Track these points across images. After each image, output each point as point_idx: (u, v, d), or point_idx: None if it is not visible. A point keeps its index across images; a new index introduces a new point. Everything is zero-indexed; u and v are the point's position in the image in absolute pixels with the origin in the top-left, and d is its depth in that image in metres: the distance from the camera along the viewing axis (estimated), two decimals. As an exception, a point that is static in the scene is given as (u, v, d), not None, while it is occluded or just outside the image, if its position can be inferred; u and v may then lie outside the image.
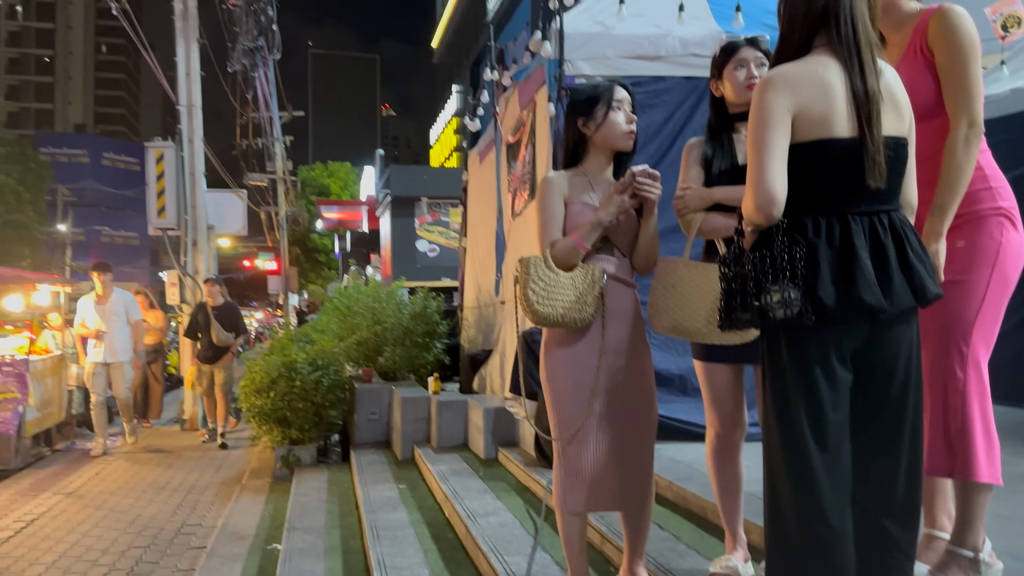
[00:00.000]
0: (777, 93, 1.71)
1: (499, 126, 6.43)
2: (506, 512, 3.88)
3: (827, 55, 1.75)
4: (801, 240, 1.70)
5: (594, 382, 2.42)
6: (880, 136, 1.70)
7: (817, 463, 1.71)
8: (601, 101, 2.48)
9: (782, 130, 1.70)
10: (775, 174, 1.69)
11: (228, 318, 8.59)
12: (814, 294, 1.67)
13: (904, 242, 1.72)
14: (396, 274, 13.12)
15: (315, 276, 40.52)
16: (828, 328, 1.71)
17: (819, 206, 1.74)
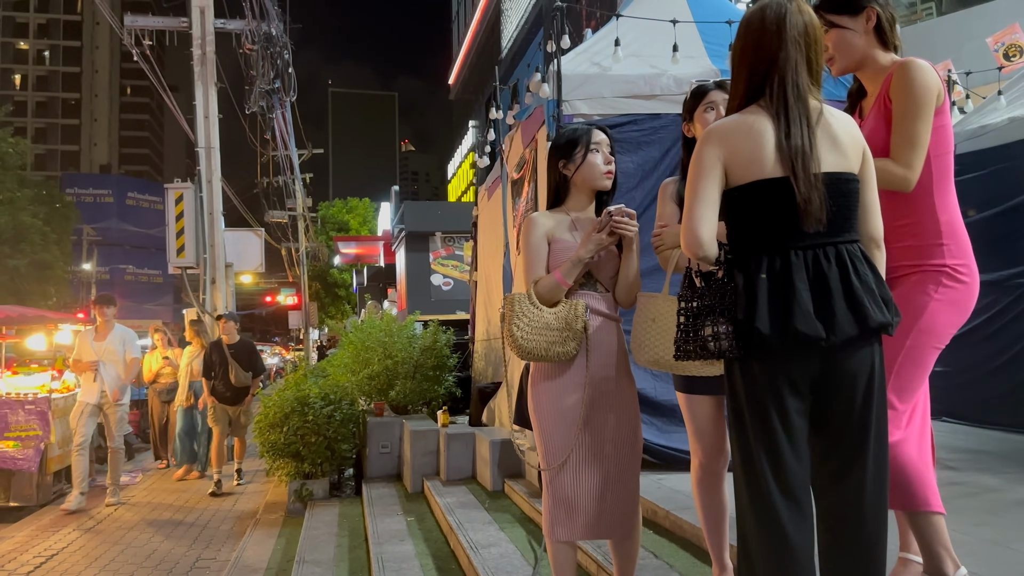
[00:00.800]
0: (709, 145, 1.88)
1: (505, 163, 6.59)
2: (508, 543, 3.94)
3: (760, 109, 1.88)
4: (736, 276, 1.83)
5: (580, 413, 2.52)
6: (810, 175, 1.79)
7: (778, 500, 1.79)
8: (580, 144, 2.62)
9: (711, 178, 1.85)
10: (700, 219, 1.83)
11: (245, 356, 8.15)
12: (751, 325, 1.78)
13: (850, 272, 1.80)
14: (411, 308, 13.26)
15: (335, 311, 40.83)
16: (775, 359, 1.80)
17: (762, 243, 1.85)
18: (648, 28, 5.09)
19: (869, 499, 1.81)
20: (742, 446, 1.87)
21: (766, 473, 1.81)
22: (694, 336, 1.87)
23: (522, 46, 40.78)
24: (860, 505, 1.82)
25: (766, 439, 1.81)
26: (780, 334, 1.76)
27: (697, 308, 1.88)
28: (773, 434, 1.81)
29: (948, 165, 2.26)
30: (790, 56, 1.86)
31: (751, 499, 1.84)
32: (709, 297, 1.86)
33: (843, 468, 1.84)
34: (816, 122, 1.86)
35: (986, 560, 2.56)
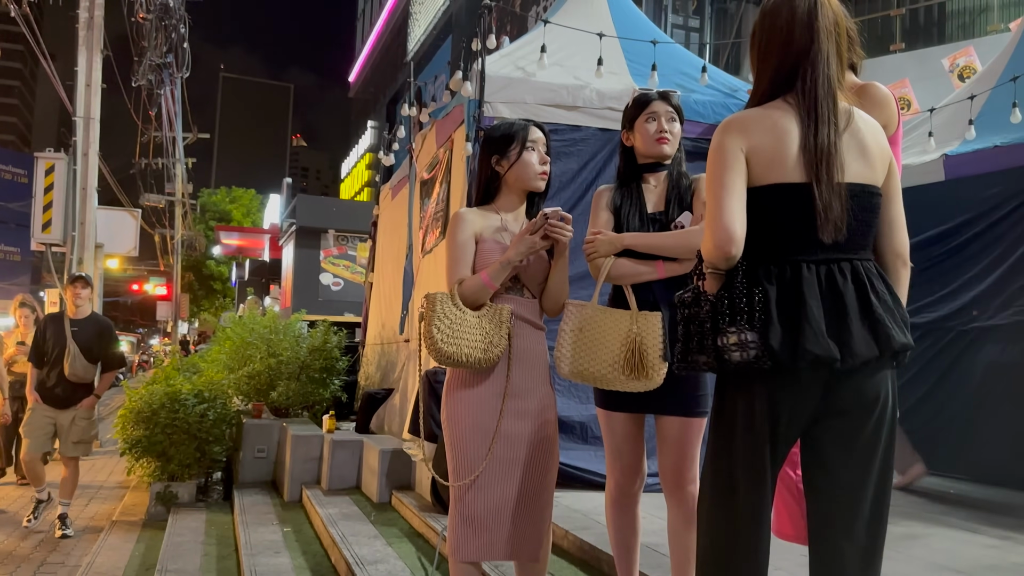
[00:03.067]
0: (730, 135, 1.71)
1: (414, 162, 6.38)
2: (396, 559, 3.72)
3: (787, 104, 1.74)
4: (760, 283, 1.67)
5: (496, 426, 2.36)
6: (833, 185, 1.67)
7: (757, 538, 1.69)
8: (516, 140, 2.47)
9: (738, 170, 1.69)
10: (733, 212, 1.66)
11: (93, 338, 5.68)
12: (765, 341, 1.63)
13: (868, 291, 1.67)
14: (297, 306, 12.73)
15: (209, 304, 38.99)
16: (783, 380, 1.66)
17: (773, 252, 1.71)
18: (573, 38, 5.03)
19: (863, 537, 1.68)
20: (723, 474, 1.72)
21: (748, 506, 1.67)
22: (711, 344, 1.67)
23: (429, 51, 40.56)
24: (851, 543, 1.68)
25: (754, 470, 1.68)
26: (790, 354, 1.61)
27: (712, 314, 1.68)
28: (762, 465, 1.67)
29: None
30: (822, 49, 1.73)
31: (725, 533, 1.71)
32: (730, 301, 1.66)
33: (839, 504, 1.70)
34: (845, 126, 1.73)
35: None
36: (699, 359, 1.70)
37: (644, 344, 2.31)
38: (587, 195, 4.60)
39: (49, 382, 5.60)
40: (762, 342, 1.63)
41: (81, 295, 5.75)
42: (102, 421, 11.88)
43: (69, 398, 5.62)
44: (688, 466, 2.41)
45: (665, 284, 2.42)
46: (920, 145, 5.42)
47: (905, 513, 4.03)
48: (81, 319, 5.75)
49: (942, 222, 5.30)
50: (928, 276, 5.22)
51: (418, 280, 5.95)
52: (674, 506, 2.43)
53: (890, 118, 2.15)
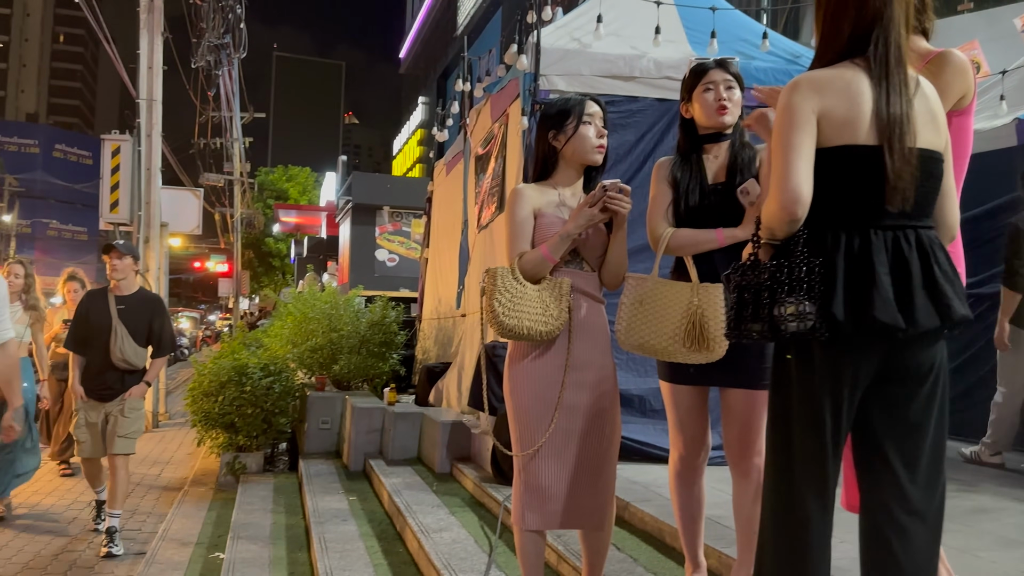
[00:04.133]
0: (802, 95, 1.68)
1: (468, 138, 6.40)
2: (460, 528, 3.80)
3: (857, 67, 1.71)
4: (822, 252, 1.65)
5: (558, 398, 2.39)
6: (905, 152, 1.64)
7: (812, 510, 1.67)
8: (572, 115, 2.47)
9: (807, 131, 1.66)
10: (800, 173, 1.63)
11: (143, 318, 4.80)
12: (827, 310, 1.60)
13: (931, 260, 1.65)
14: (353, 282, 12.94)
15: (268, 280, 39.84)
16: (842, 350, 1.65)
17: (839, 218, 1.68)
18: (629, 7, 4.97)
19: (917, 506, 1.67)
20: (781, 445, 1.73)
21: (805, 478, 1.67)
22: (766, 315, 1.65)
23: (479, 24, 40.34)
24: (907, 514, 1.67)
25: (813, 441, 1.67)
26: (855, 322, 1.60)
27: (770, 283, 1.65)
28: (821, 436, 1.66)
29: (961, 171, 2.16)
30: (895, 15, 1.70)
31: (783, 504, 1.71)
32: (789, 271, 1.64)
33: (890, 474, 1.69)
34: (915, 92, 1.70)
35: (957, 569, 2.53)
36: (752, 328, 1.68)
37: (705, 316, 2.31)
38: (645, 167, 4.56)
39: (92, 370, 4.72)
40: (821, 312, 1.61)
41: (118, 266, 4.77)
42: (170, 395, 12.33)
43: (116, 388, 4.73)
44: (754, 439, 2.40)
45: (726, 253, 2.40)
46: (991, 109, 5.21)
47: (976, 487, 3.95)
48: (127, 295, 4.82)
49: (1013, 188, 5.10)
50: (998, 245, 5.04)
51: (474, 255, 6.00)
52: (739, 478, 2.43)
53: (968, 87, 2.07)
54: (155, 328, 4.85)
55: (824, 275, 1.63)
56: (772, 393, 1.78)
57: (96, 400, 4.71)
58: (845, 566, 2.18)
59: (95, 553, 4.66)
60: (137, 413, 4.78)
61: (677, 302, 2.37)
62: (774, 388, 1.78)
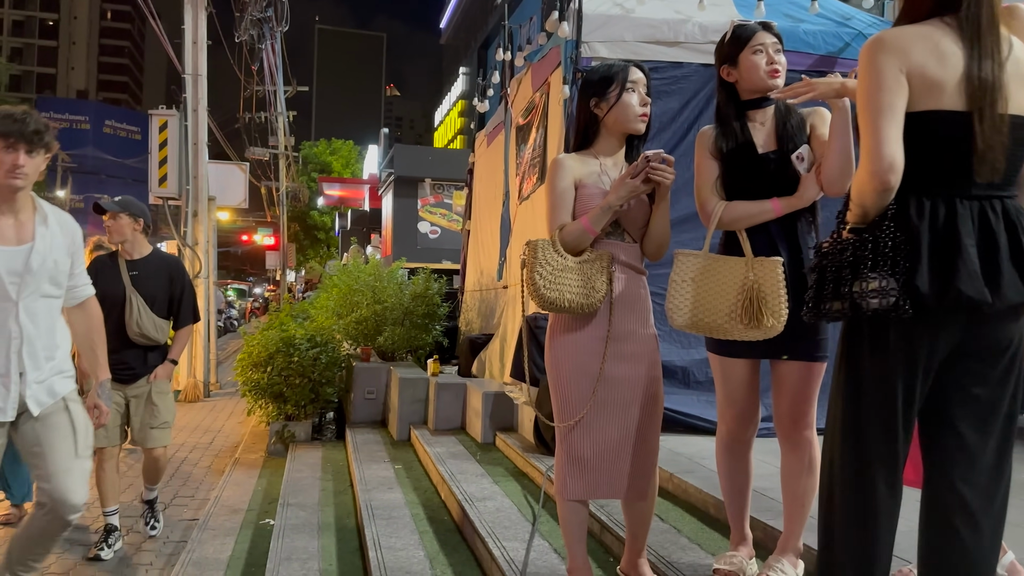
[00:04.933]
0: (889, 55, 1.60)
1: (509, 108, 6.35)
2: (503, 497, 3.84)
3: (946, 25, 1.62)
4: (906, 224, 1.58)
5: (599, 369, 2.38)
6: (996, 118, 1.56)
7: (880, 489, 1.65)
8: (615, 81, 2.42)
9: (898, 93, 1.58)
10: (893, 139, 1.56)
11: (161, 284, 4.18)
12: (911, 283, 1.55)
13: (1019, 231, 1.59)
14: (396, 254, 13.05)
15: (314, 253, 40.40)
16: (920, 325, 1.59)
17: (923, 188, 1.61)
18: (673, -30, 4.84)
19: (985, 485, 1.63)
20: (851, 422, 1.68)
21: (876, 456, 1.64)
22: (847, 292, 1.60)
23: (519, -7, 39.81)
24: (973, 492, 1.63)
25: (884, 419, 1.63)
26: (939, 296, 1.54)
27: (852, 259, 1.60)
28: (893, 413, 1.63)
29: None
30: None
31: (852, 481, 1.68)
32: (874, 246, 1.58)
33: (958, 449, 1.65)
34: (1007, 55, 1.61)
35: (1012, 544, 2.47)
36: (832, 306, 1.64)
37: (763, 291, 2.23)
38: (689, 135, 4.48)
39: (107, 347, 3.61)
40: (903, 288, 1.56)
41: (113, 227, 4.05)
42: (221, 365, 12.62)
43: (137, 368, 4.10)
44: (806, 411, 2.36)
45: (782, 224, 2.34)
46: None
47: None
48: (139, 259, 4.14)
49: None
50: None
51: (515, 227, 5.98)
52: (789, 451, 2.40)
53: None
54: (175, 295, 4.21)
55: (909, 248, 1.57)
56: (842, 368, 1.73)
57: (113, 382, 3.68)
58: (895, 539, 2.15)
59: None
60: (167, 398, 4.20)
61: (732, 278, 2.30)
62: (844, 363, 1.72)
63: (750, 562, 2.47)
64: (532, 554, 2.99)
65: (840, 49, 4.53)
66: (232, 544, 4.13)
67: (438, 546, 3.49)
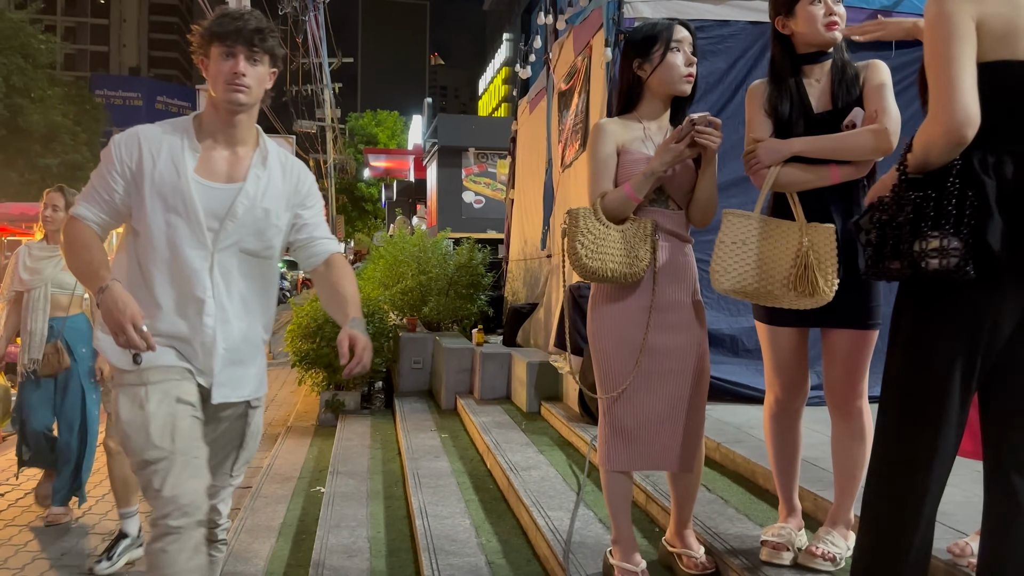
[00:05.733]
0: (958, 1, 1.51)
1: (551, 73, 6.25)
2: (548, 467, 3.84)
3: None
4: (974, 181, 1.50)
5: (642, 340, 2.33)
6: None
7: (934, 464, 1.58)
8: (659, 41, 2.33)
9: (968, 41, 1.50)
10: (967, 90, 1.48)
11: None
12: (981, 240, 1.46)
13: None
14: (442, 224, 13.07)
15: (362, 224, 40.80)
16: (988, 292, 1.51)
17: (991, 141, 1.52)
18: (720, -75, 4.66)
19: None
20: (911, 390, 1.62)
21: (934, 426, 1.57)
22: (907, 250, 1.52)
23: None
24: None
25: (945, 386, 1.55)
26: (1012, 256, 1.45)
27: (913, 216, 1.52)
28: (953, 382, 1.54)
29: None
30: None
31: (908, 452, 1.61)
32: (937, 203, 1.50)
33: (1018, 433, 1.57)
34: None
35: None
36: (892, 266, 1.56)
37: (818, 257, 2.13)
38: (737, 96, 4.34)
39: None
40: (971, 247, 1.47)
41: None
42: (274, 336, 12.86)
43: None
44: (859, 379, 2.28)
45: (837, 191, 2.23)
46: None
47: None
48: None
49: None
50: None
51: (558, 195, 5.91)
52: (840, 420, 2.32)
53: None
54: None
55: (976, 205, 1.48)
56: (899, 334, 1.65)
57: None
58: (949, 510, 2.08)
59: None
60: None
61: (786, 243, 2.19)
62: (901, 329, 1.65)
63: (799, 534, 2.42)
64: (576, 524, 2.98)
65: (895, 3, 4.33)
66: (284, 511, 4.22)
67: (484, 514, 3.51)
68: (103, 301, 1.85)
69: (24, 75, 29.13)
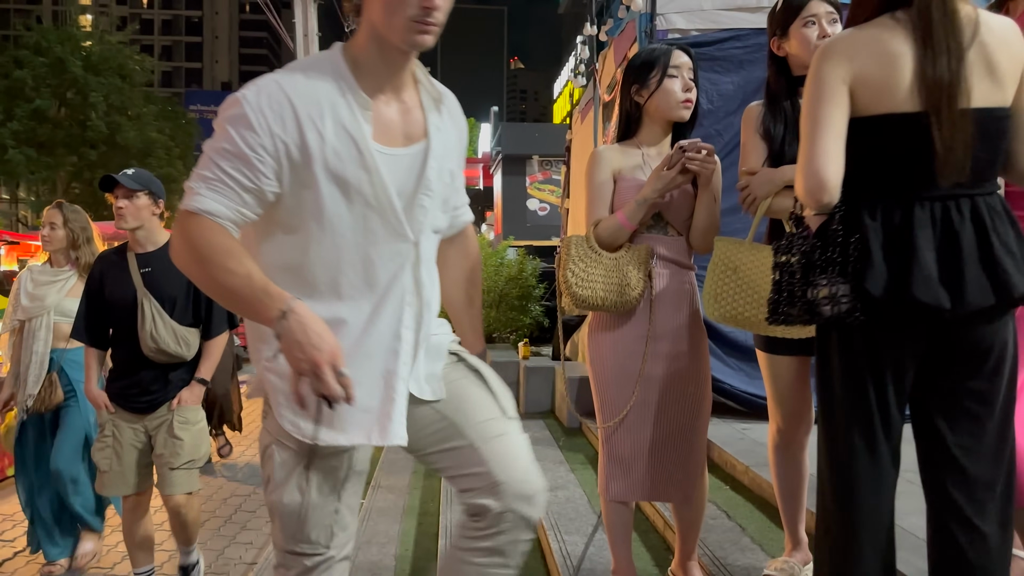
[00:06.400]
0: (831, 62, 1.52)
1: (598, 84, 6.22)
2: (576, 487, 3.81)
3: (896, 22, 1.51)
4: (859, 228, 1.52)
5: (639, 369, 2.30)
6: (955, 114, 1.45)
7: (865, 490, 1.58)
8: (656, 67, 2.30)
9: (837, 103, 1.51)
10: (827, 155, 1.51)
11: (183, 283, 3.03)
12: (862, 289, 1.49)
13: (988, 231, 1.47)
14: (506, 232, 13.15)
15: (439, 230, 41.34)
16: (884, 331, 1.53)
17: (880, 191, 1.53)
18: (758, -70, 4.55)
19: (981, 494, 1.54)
20: (829, 426, 1.64)
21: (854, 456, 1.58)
22: (799, 297, 1.57)
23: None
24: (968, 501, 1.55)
25: (859, 421, 1.57)
26: (893, 301, 1.47)
27: (804, 264, 1.57)
28: (868, 416, 1.56)
29: None
30: None
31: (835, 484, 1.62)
32: (822, 251, 1.54)
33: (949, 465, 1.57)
34: (970, 42, 1.48)
35: None
36: (791, 312, 1.59)
37: None
38: (773, 106, 4.22)
39: (117, 367, 3.11)
40: (855, 294, 1.49)
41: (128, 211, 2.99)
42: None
43: (156, 393, 3.05)
44: None
45: None
46: None
47: None
48: (153, 251, 3.08)
49: None
50: None
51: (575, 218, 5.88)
52: None
53: None
54: (202, 295, 3.04)
55: (860, 253, 1.50)
56: (818, 367, 1.68)
57: (128, 412, 3.03)
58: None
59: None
60: (194, 429, 3.07)
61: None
62: (820, 364, 1.67)
63: (804, 568, 2.34)
64: (591, 550, 2.96)
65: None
66: (324, 524, 4.33)
67: (508, 535, 3.51)
68: (288, 331, 1.34)
69: (122, 94, 30.85)
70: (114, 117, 30.25)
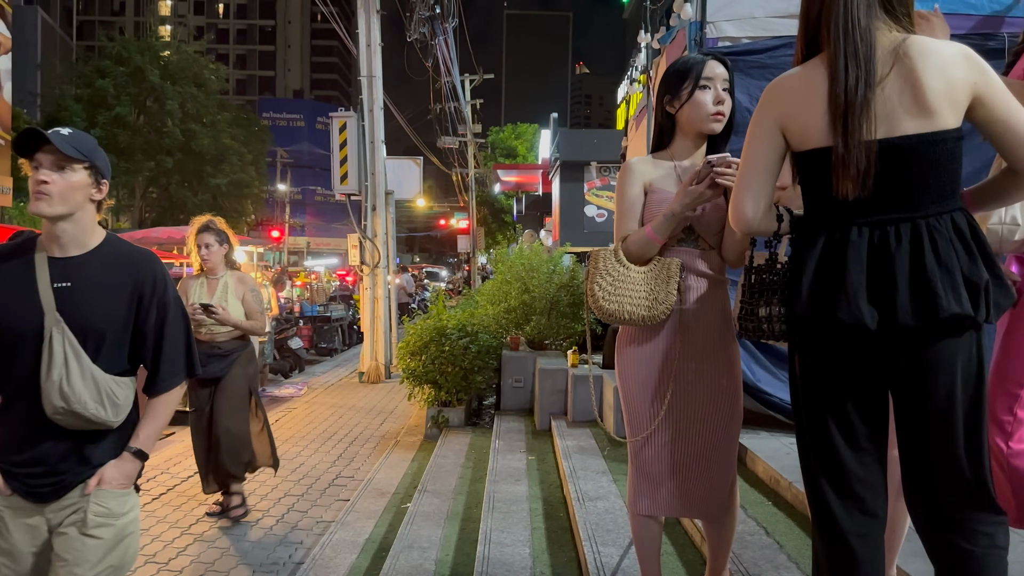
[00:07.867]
0: (764, 106, 1.71)
1: (651, 92, 6.17)
2: (616, 497, 3.80)
3: (821, 63, 1.62)
4: (797, 253, 1.68)
5: (668, 385, 2.29)
6: (859, 143, 1.53)
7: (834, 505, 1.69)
8: (688, 77, 2.29)
9: (766, 143, 1.68)
10: (746, 192, 1.69)
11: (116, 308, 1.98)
12: (791, 310, 1.65)
13: (923, 253, 1.51)
14: (564, 239, 13.13)
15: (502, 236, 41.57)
16: (833, 349, 1.64)
17: (822, 217, 1.66)
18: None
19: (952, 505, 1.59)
20: (799, 443, 1.78)
21: (820, 474, 1.70)
22: (751, 314, 1.77)
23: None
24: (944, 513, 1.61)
25: (820, 439, 1.69)
26: (818, 321, 1.59)
27: (756, 284, 1.78)
28: (828, 434, 1.67)
29: None
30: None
31: (810, 502, 1.75)
32: (768, 274, 1.75)
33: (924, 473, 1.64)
34: (889, 67, 1.53)
35: None
36: (748, 326, 1.80)
37: None
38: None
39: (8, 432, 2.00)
40: (788, 314, 1.68)
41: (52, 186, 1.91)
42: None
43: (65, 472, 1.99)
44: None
45: None
46: None
47: None
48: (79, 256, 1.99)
49: None
50: None
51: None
52: None
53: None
54: (144, 325, 2.05)
55: (792, 277, 1.65)
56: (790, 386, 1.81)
57: (22, 497, 1.98)
58: None
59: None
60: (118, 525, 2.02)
61: None
62: (789, 383, 1.81)
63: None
64: (626, 562, 2.95)
65: (1008, 7, 3.96)
66: (371, 527, 4.42)
67: (546, 544, 3.53)
68: None
69: (197, 102, 32.00)
70: (189, 124, 31.40)
